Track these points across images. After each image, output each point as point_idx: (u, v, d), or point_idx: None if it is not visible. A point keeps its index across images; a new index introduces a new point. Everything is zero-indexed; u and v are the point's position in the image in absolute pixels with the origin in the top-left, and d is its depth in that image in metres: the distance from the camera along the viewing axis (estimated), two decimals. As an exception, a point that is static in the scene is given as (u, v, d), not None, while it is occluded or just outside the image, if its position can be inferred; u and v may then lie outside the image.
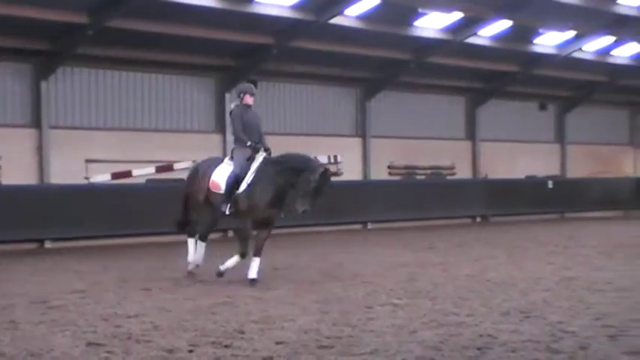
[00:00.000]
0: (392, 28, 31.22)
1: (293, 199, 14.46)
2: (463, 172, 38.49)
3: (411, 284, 14.19)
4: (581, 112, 43.75)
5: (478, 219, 36.27)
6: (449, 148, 38.06)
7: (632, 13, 34.60)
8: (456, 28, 32.80)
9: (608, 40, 37.53)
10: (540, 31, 35.29)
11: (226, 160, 15.40)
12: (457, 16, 31.92)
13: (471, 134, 39.44)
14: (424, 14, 31.36)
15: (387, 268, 16.77)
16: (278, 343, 9.44)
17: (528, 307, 11.64)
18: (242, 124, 15.14)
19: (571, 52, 37.27)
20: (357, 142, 34.71)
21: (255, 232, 15.04)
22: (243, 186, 14.68)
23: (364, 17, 30.08)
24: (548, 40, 36.45)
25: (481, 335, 9.68)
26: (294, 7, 28.52)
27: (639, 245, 22.20)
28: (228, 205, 14.73)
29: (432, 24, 32.27)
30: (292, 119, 32.39)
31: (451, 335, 9.72)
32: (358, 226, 31.64)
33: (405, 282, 14.26)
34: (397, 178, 35.73)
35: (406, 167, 36.07)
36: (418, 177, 36.38)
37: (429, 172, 36.96)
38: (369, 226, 32.01)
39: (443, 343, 9.26)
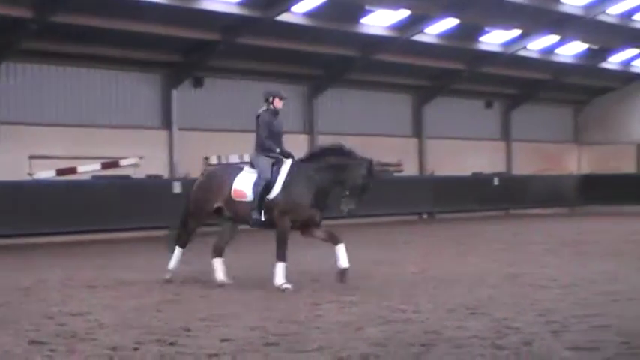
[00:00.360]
0: (339, 25, 31.26)
1: (338, 198, 13.60)
2: (410, 170, 38.62)
3: (357, 281, 14.19)
4: (527, 109, 44.17)
5: (425, 216, 36.47)
6: (396, 145, 38.17)
7: (576, 12, 34.98)
8: (403, 26, 32.93)
9: (553, 39, 37.92)
10: (486, 29, 35.58)
11: (246, 168, 14.42)
12: (404, 13, 32.05)
13: (418, 131, 39.63)
14: (371, 11, 31.44)
15: (333, 265, 16.74)
16: (223, 340, 9.40)
17: (474, 303, 11.70)
18: (269, 131, 14.29)
19: (516, 51, 37.61)
20: (304, 139, 34.70)
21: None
22: (275, 191, 13.75)
23: (311, 14, 30.09)
24: (493, 39, 36.75)
25: (427, 331, 9.72)
26: (241, 4, 28.44)
27: (583, 242, 22.44)
28: (262, 212, 13.78)
29: (379, 21, 32.36)
30: (238, 116, 32.17)
31: (397, 332, 9.74)
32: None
33: (352, 279, 14.27)
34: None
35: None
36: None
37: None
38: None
39: (388, 340, 9.28)
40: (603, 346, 8.94)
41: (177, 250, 14.72)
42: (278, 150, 14.21)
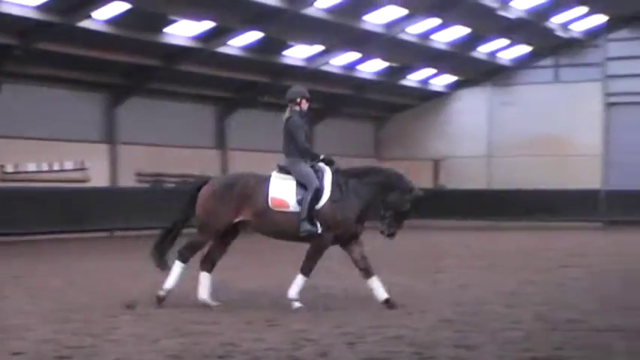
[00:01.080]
0: (141, 34, 30.83)
1: (380, 218, 13.14)
2: (213, 181, 38.41)
3: (155, 292, 14.05)
4: (329, 124, 44.73)
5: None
6: (198, 156, 37.93)
7: (377, 30, 35.81)
8: (207, 37, 32.85)
9: (355, 55, 38.73)
10: (290, 43, 35.96)
11: (276, 174, 13.48)
12: (208, 25, 31.98)
13: (221, 143, 39.58)
14: (175, 21, 31.21)
15: (134, 277, 16.54)
16: (15, 354, 9.15)
17: (273, 316, 11.77)
18: (304, 134, 13.56)
19: (319, 66, 38.16)
20: (104, 148, 34.11)
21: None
22: (323, 200, 12.92)
23: (113, 21, 29.55)
24: (297, 53, 37.17)
25: (223, 344, 9.71)
26: (40, 8, 27.57)
27: (382, 255, 22.88)
28: (319, 223, 12.90)
29: (182, 31, 32.14)
30: (37, 124, 31.24)
31: (193, 344, 9.70)
32: (105, 234, 31.09)
33: (150, 290, 14.10)
34: (145, 185, 35.34)
35: (155, 174, 35.73)
36: (167, 185, 36.07)
37: (178, 179, 36.72)
38: (116, 233, 31.53)
39: (184, 352, 9.23)
40: (396, 356, 9.16)
41: (204, 277, 13.23)
42: (322, 156, 13.51)
